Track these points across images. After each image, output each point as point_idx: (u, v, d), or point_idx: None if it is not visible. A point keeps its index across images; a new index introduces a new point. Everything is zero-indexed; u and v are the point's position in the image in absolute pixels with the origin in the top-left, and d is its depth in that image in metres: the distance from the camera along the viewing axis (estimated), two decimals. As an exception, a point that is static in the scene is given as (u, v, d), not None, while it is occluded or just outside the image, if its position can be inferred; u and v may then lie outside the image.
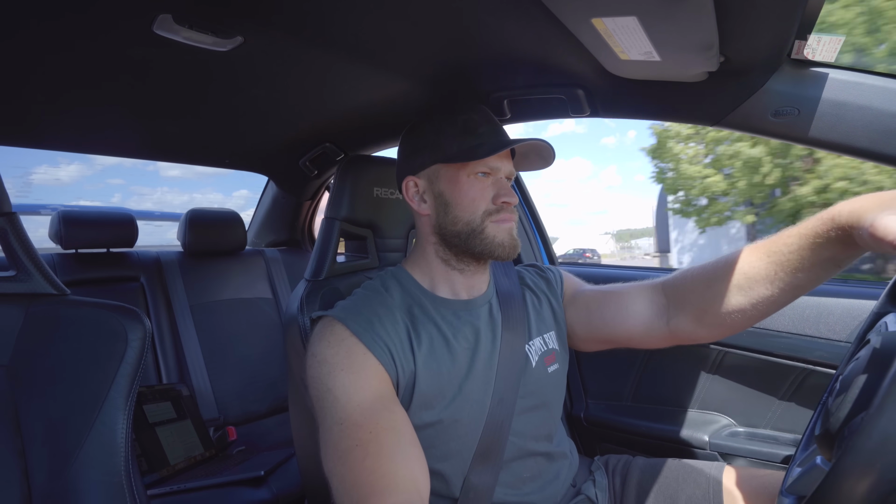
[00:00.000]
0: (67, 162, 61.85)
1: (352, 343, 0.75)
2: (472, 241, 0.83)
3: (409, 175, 0.87)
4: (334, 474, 0.65)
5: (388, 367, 0.75)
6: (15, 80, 1.01)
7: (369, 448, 0.64)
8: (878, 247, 0.59)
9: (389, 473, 0.63)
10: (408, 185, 0.87)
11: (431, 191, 0.85)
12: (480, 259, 0.86)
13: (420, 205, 0.86)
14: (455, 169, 0.83)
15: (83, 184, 68.54)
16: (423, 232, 0.89)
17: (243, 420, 1.81)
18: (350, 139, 1.57)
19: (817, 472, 0.57)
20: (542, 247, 1.76)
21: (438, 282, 0.88)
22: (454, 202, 0.83)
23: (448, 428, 0.79)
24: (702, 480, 0.92)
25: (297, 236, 2.29)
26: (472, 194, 0.82)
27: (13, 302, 0.75)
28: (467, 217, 0.82)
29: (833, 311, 1.13)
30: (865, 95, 0.82)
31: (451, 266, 0.87)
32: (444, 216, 0.84)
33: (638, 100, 1.03)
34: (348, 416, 0.68)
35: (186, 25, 0.83)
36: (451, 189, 0.83)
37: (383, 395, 0.72)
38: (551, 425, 0.92)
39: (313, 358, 0.76)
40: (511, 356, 0.86)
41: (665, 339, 0.88)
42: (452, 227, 0.83)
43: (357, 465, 0.63)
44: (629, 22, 0.70)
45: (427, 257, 0.89)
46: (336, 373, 0.73)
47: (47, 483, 0.67)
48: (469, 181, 0.82)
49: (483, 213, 0.82)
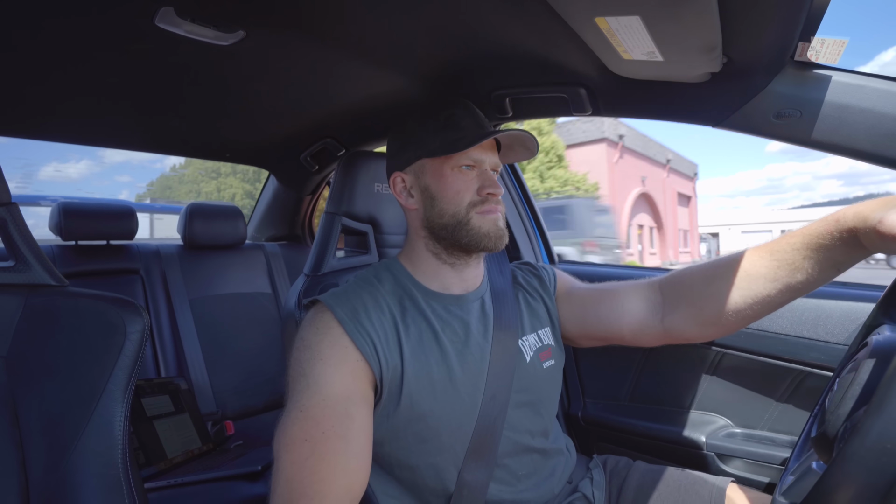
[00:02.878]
0: (77, 159, 62.02)
1: (337, 334, 0.76)
2: (458, 233, 0.84)
3: (396, 171, 0.89)
4: (278, 458, 0.68)
5: (370, 359, 0.76)
6: (17, 72, 1.01)
7: (316, 448, 0.67)
8: (884, 245, 0.61)
9: (326, 479, 0.65)
10: (395, 180, 0.89)
11: (418, 185, 0.87)
12: (470, 251, 0.87)
13: (408, 200, 0.88)
14: (439, 162, 0.85)
15: (91, 180, 68.62)
16: (412, 227, 0.90)
17: (241, 415, 1.81)
18: (351, 134, 1.57)
19: (812, 477, 0.57)
20: (542, 243, 1.76)
21: (430, 276, 0.89)
22: (439, 195, 0.84)
23: (439, 421, 0.79)
24: (705, 493, 0.90)
25: (297, 231, 2.29)
26: (457, 187, 0.84)
27: (12, 292, 0.75)
28: (453, 209, 0.84)
29: (832, 314, 1.13)
30: (868, 98, 0.82)
31: (442, 260, 0.88)
32: (431, 209, 0.85)
33: (640, 99, 1.03)
34: (311, 406, 0.70)
35: (188, 19, 0.83)
36: (436, 182, 0.85)
37: (350, 395, 0.73)
38: (547, 421, 0.92)
39: (300, 341, 0.78)
40: (503, 351, 0.86)
41: (659, 337, 0.88)
42: (439, 220, 0.85)
43: (300, 461, 0.66)
44: (632, 21, 0.69)
45: (418, 252, 0.90)
46: (315, 361, 0.74)
47: (45, 475, 0.67)
48: (453, 174, 0.84)
49: (468, 204, 0.84)
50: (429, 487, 0.81)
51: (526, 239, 1.70)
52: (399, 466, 0.81)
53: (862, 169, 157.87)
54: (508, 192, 1.67)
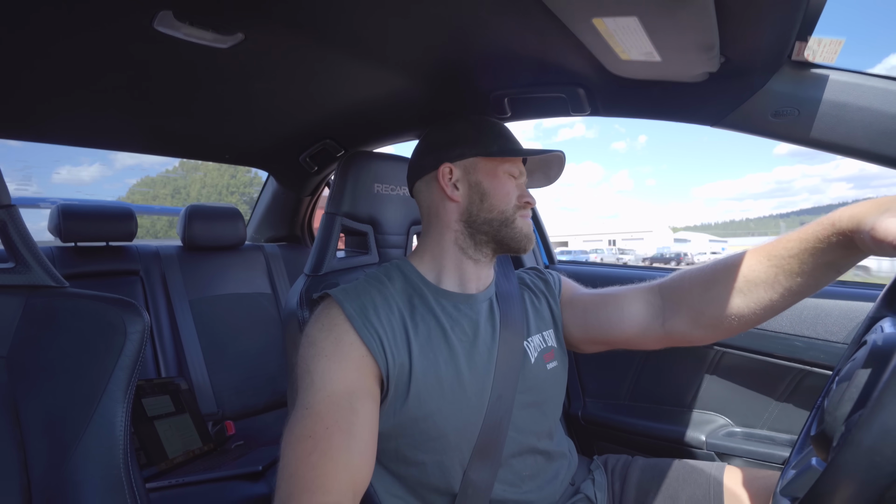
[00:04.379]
0: (89, 162, 62.55)
1: (343, 330, 0.77)
2: (503, 230, 0.89)
3: (447, 162, 0.90)
4: (284, 454, 0.69)
5: (377, 355, 0.76)
6: (16, 74, 1.01)
7: (319, 444, 0.67)
8: (879, 249, 0.60)
9: (329, 473, 0.66)
10: (444, 171, 0.90)
11: (467, 180, 0.89)
12: (499, 250, 0.92)
13: (453, 191, 0.90)
14: (494, 164, 0.89)
15: (102, 183, 69.50)
16: (445, 219, 0.91)
17: (242, 415, 1.81)
18: (350, 135, 1.57)
19: (812, 474, 0.57)
20: (542, 247, 1.76)
21: (447, 272, 0.90)
22: (492, 192, 0.88)
23: (446, 420, 0.79)
24: (702, 481, 0.93)
25: (296, 232, 2.29)
26: (507, 189, 0.89)
27: (12, 293, 0.75)
28: (502, 206, 0.88)
29: (831, 313, 1.13)
30: (865, 97, 0.82)
31: (468, 255, 0.90)
32: (480, 204, 0.89)
33: (638, 99, 1.03)
34: (315, 403, 0.71)
35: (187, 22, 0.83)
36: (490, 181, 0.89)
37: (355, 390, 0.73)
38: (551, 422, 0.92)
39: (306, 338, 0.79)
40: (510, 352, 0.86)
41: (661, 340, 0.89)
42: (487, 215, 0.88)
43: (303, 457, 0.66)
44: (630, 22, 0.70)
45: (442, 244, 0.90)
46: (320, 358, 0.75)
47: (46, 475, 0.67)
48: (504, 177, 0.90)
49: (514, 206, 0.89)
50: (433, 486, 0.81)
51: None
52: (405, 463, 0.81)
53: (872, 171, 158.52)
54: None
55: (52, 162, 46.71)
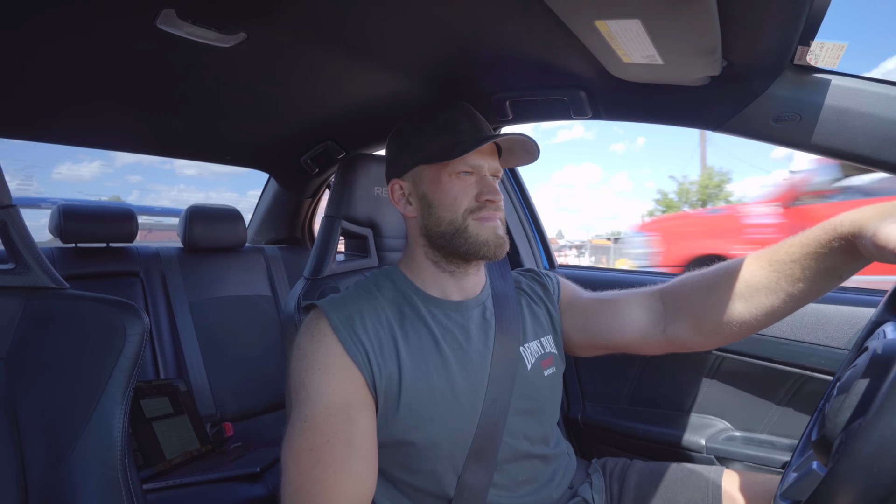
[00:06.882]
0: (90, 160, 62.92)
1: (331, 342, 0.76)
2: (456, 241, 0.82)
3: (395, 178, 0.88)
4: (286, 470, 0.68)
5: (362, 368, 0.75)
6: (17, 74, 1.01)
7: (322, 457, 0.67)
8: (880, 256, 0.59)
9: (334, 486, 0.65)
10: (393, 188, 0.88)
11: (416, 192, 0.86)
12: (469, 260, 0.85)
13: (406, 207, 0.87)
14: (437, 169, 0.83)
15: (103, 180, 69.64)
16: (411, 234, 0.89)
17: (240, 416, 1.81)
18: (351, 137, 1.57)
19: (813, 478, 0.57)
20: (542, 248, 1.76)
21: (429, 284, 0.88)
22: (437, 202, 0.83)
23: (439, 429, 0.78)
24: (701, 484, 0.92)
25: (297, 234, 2.29)
26: (454, 193, 0.81)
27: (12, 294, 0.75)
28: (450, 216, 0.82)
29: (832, 319, 1.13)
30: (867, 102, 0.82)
31: (441, 268, 0.87)
32: (429, 217, 0.84)
33: (640, 103, 1.03)
34: (314, 416, 0.70)
35: (189, 21, 0.83)
36: (434, 189, 0.83)
37: (352, 401, 0.73)
38: (548, 428, 0.92)
39: (297, 350, 0.77)
40: (505, 357, 0.85)
41: (661, 346, 0.88)
42: (437, 228, 0.83)
43: (307, 471, 0.66)
44: (632, 25, 0.70)
45: (417, 259, 0.88)
46: (313, 371, 0.74)
47: (43, 475, 0.67)
48: (451, 180, 0.82)
49: (465, 211, 0.81)
50: (429, 492, 0.80)
51: (526, 244, 1.69)
52: (400, 471, 0.81)
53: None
54: (509, 198, 1.66)
55: (52, 160, 47.12)
